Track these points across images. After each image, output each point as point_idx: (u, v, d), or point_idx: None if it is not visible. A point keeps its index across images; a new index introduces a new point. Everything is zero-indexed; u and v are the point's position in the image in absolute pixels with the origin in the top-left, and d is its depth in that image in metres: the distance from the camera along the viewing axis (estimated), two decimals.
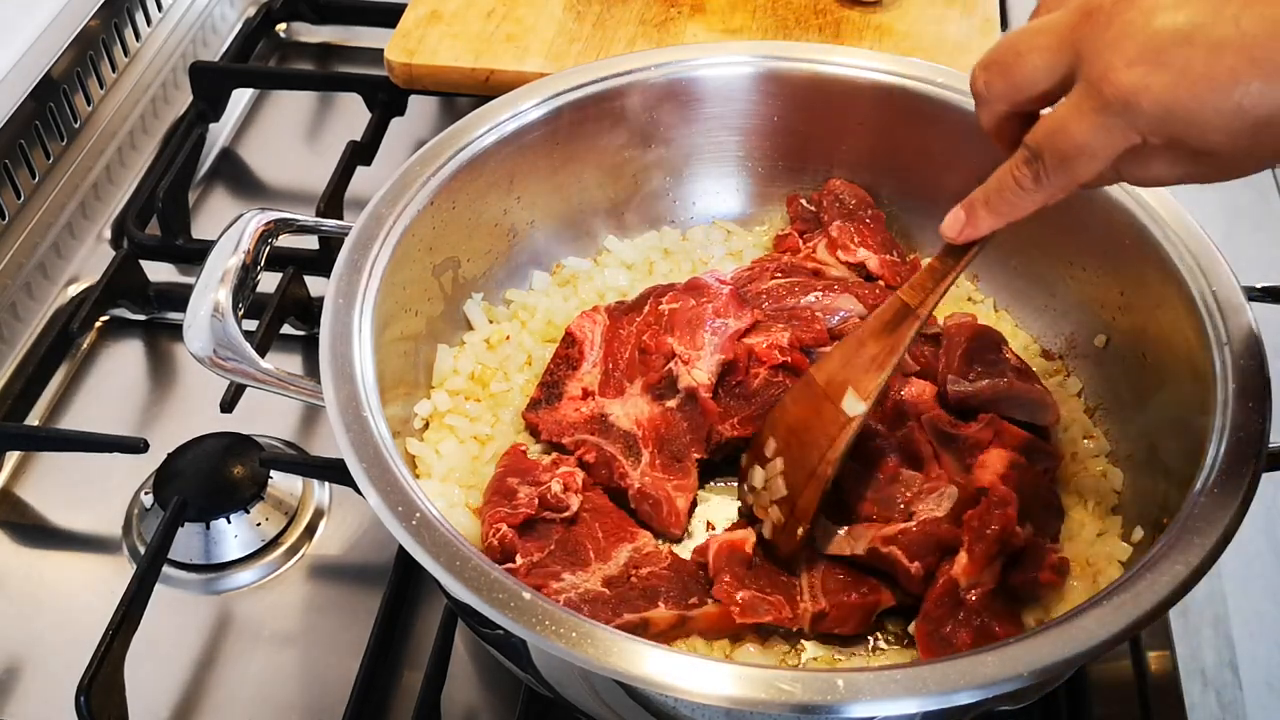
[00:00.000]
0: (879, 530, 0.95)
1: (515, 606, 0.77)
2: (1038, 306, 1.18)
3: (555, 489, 0.97)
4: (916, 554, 0.94)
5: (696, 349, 1.07)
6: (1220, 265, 0.99)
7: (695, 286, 1.11)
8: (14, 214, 1.37)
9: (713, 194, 1.27)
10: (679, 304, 1.09)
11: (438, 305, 1.11)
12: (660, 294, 1.12)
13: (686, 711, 0.81)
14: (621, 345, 1.09)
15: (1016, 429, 1.03)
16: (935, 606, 0.92)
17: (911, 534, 0.94)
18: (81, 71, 1.48)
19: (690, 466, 1.03)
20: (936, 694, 0.74)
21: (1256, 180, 3.58)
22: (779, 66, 1.20)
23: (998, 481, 0.95)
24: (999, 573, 0.93)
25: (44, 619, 1.08)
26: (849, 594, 0.94)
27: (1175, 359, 1.00)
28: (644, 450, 1.03)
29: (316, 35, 1.74)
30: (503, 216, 1.16)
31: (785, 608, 0.93)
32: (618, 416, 1.05)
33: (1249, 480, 0.85)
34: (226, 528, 1.10)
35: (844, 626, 0.95)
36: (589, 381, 1.08)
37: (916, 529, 0.94)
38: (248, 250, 1.00)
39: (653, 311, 1.10)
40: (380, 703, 1.01)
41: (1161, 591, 0.79)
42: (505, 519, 0.95)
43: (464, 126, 1.11)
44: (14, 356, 1.28)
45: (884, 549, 0.94)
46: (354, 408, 0.89)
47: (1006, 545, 0.92)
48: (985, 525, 0.91)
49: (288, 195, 1.51)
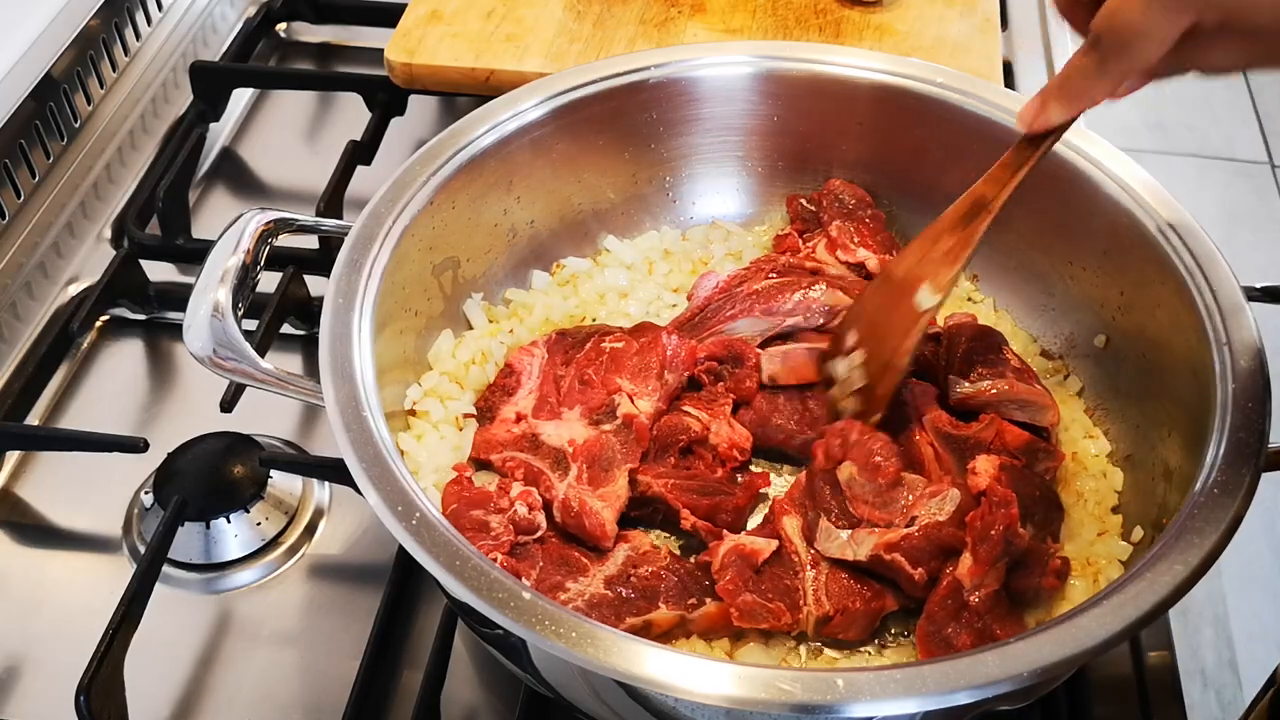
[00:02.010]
0: (882, 536, 0.95)
1: (515, 606, 0.77)
2: (1037, 306, 1.18)
3: (522, 511, 0.97)
4: (920, 559, 0.94)
5: (646, 389, 1.06)
6: (1220, 265, 0.99)
7: (642, 330, 1.11)
8: (14, 214, 1.37)
9: (712, 194, 1.27)
10: (623, 344, 1.08)
11: (437, 305, 1.11)
12: (604, 334, 1.11)
13: (686, 711, 0.81)
14: (560, 379, 1.08)
15: (1017, 429, 1.03)
16: (938, 607, 0.92)
17: (914, 539, 0.94)
18: (81, 71, 1.48)
19: (618, 475, 1.00)
20: (936, 694, 0.74)
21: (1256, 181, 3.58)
22: (778, 66, 1.20)
23: (994, 484, 0.95)
24: (1003, 575, 0.93)
25: (44, 619, 1.08)
26: (854, 599, 0.94)
27: (1175, 359, 1.00)
28: (573, 464, 1.01)
29: (316, 35, 1.74)
30: (502, 216, 1.16)
31: (785, 614, 0.93)
32: (549, 435, 1.04)
33: (1248, 480, 0.85)
34: (226, 527, 1.10)
35: (848, 632, 0.95)
36: (523, 407, 1.07)
37: (919, 534, 0.94)
38: (247, 250, 1.00)
39: (595, 349, 1.09)
40: (380, 702, 1.01)
41: (1161, 591, 0.79)
42: (495, 549, 0.94)
43: (464, 126, 1.11)
44: (14, 356, 1.28)
45: (887, 556, 0.93)
46: (354, 407, 0.89)
47: (1011, 547, 0.92)
48: (988, 527, 0.91)
49: (288, 195, 1.51)
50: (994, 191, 0.96)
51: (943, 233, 0.98)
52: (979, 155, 1.12)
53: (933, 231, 0.99)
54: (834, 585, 0.95)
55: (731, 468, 1.05)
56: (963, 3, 1.50)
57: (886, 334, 1.00)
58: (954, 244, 0.97)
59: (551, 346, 1.10)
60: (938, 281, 0.97)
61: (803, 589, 0.95)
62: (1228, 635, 1.37)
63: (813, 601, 0.94)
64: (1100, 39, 0.83)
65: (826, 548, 0.96)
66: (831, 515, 0.97)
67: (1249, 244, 3.26)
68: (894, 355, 0.98)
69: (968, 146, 1.06)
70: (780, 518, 0.99)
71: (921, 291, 0.97)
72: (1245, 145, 3.62)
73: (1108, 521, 1.01)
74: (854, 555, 0.95)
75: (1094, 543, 0.99)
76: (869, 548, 0.94)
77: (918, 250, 1.00)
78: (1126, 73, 0.84)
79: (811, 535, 0.97)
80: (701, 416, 1.06)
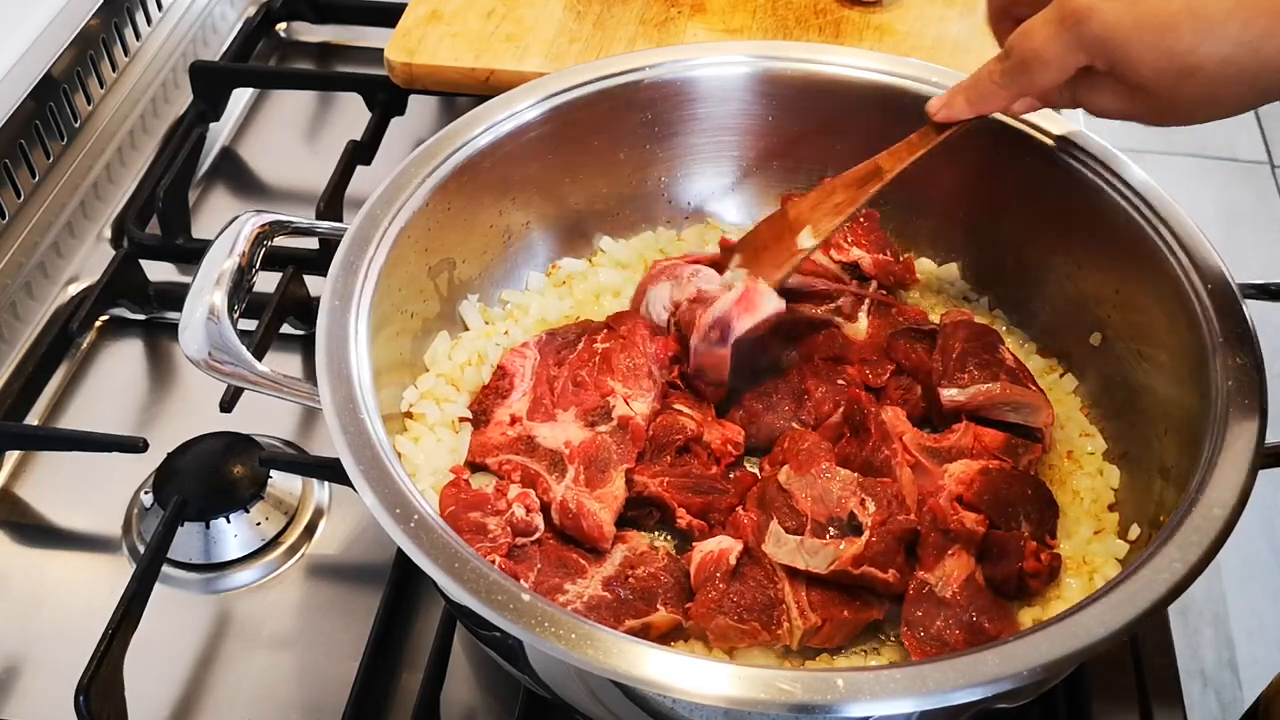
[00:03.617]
0: (837, 548, 0.93)
1: (514, 608, 0.77)
2: (1034, 304, 1.17)
3: (519, 513, 0.97)
4: (887, 561, 0.93)
5: (640, 389, 1.06)
6: (1216, 263, 0.99)
7: (621, 319, 1.11)
8: (14, 214, 1.37)
9: (708, 194, 1.27)
10: (612, 344, 1.08)
11: (433, 306, 1.11)
12: (594, 332, 1.10)
13: (684, 712, 0.81)
14: (554, 379, 1.08)
15: (994, 431, 1.03)
16: (912, 609, 0.92)
17: (874, 545, 0.93)
18: (81, 71, 1.48)
19: (615, 476, 1.00)
20: (935, 693, 0.74)
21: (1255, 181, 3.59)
22: (774, 66, 1.20)
23: (965, 491, 0.96)
24: (970, 564, 0.93)
25: (44, 619, 1.08)
26: (841, 609, 0.93)
27: (1171, 357, 1.00)
28: (569, 466, 1.01)
29: (316, 35, 1.74)
30: (498, 217, 1.16)
31: (761, 634, 0.92)
32: (545, 438, 1.04)
33: (1246, 478, 0.85)
34: (226, 527, 1.10)
35: (833, 640, 0.94)
36: (517, 409, 1.07)
37: (875, 539, 0.94)
38: (243, 252, 1.00)
39: (587, 350, 1.09)
40: (379, 703, 1.01)
41: (1159, 589, 0.79)
42: (493, 551, 0.94)
43: (460, 127, 1.11)
44: (14, 356, 1.28)
45: (856, 570, 0.93)
46: (351, 410, 0.89)
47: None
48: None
49: (288, 195, 1.51)
50: (891, 165, 1.06)
51: (839, 188, 1.09)
52: (972, 155, 1.13)
53: (830, 185, 1.10)
54: (817, 595, 0.94)
55: (726, 464, 1.06)
56: (963, 3, 1.50)
57: (767, 261, 1.11)
58: (843, 200, 1.08)
59: (542, 347, 1.10)
60: (819, 228, 1.08)
61: (785, 602, 0.93)
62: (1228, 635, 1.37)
63: (797, 615, 0.93)
64: (1010, 53, 0.91)
65: (776, 553, 0.95)
66: (781, 515, 0.97)
67: (1249, 244, 3.26)
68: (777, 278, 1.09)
69: (961, 146, 1.06)
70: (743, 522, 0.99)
71: (804, 233, 1.09)
72: (1245, 145, 3.62)
73: (1104, 519, 1.01)
74: (806, 564, 0.93)
75: (1091, 541, 0.99)
76: (826, 559, 0.93)
77: (814, 198, 1.10)
78: (1025, 89, 0.93)
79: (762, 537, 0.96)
80: (695, 415, 1.07)
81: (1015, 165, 1.13)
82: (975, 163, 1.11)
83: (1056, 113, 1.11)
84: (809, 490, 0.97)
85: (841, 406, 1.07)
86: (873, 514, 0.95)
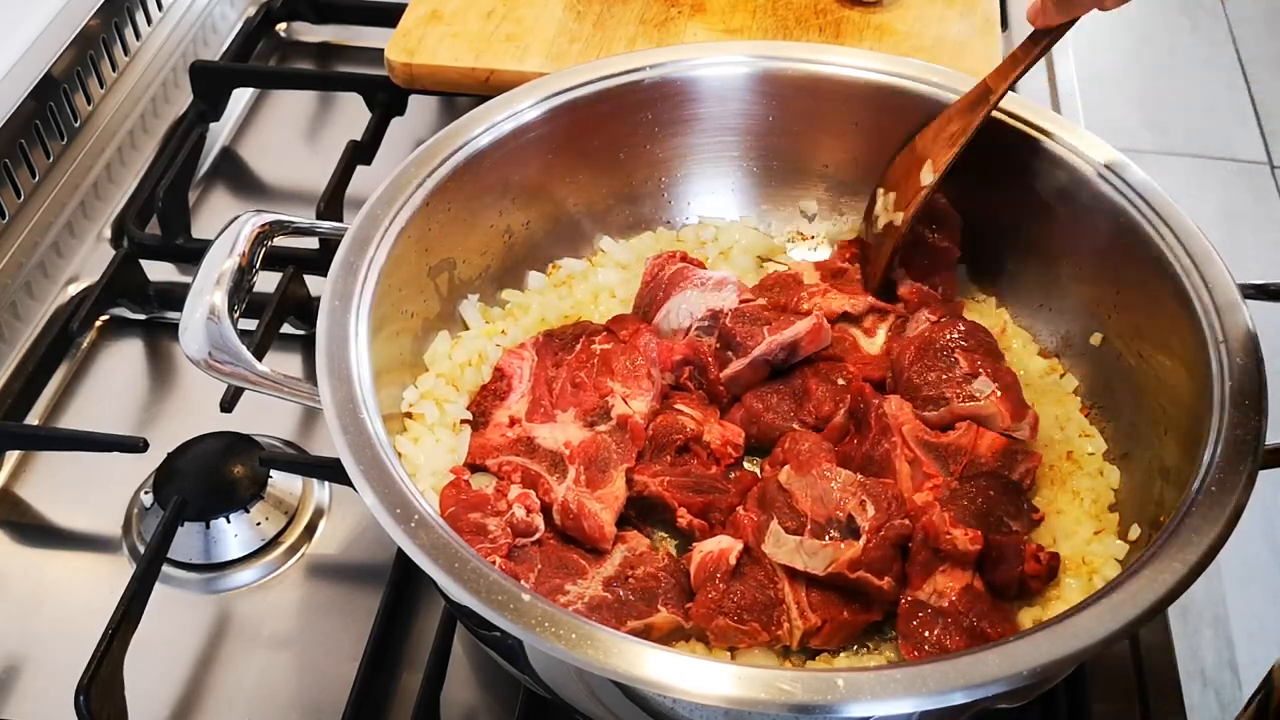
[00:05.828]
0: (835, 551, 0.94)
1: (514, 609, 0.77)
2: (1035, 305, 1.18)
3: (520, 514, 0.97)
4: (883, 568, 0.94)
5: (639, 389, 1.06)
6: (1216, 263, 0.99)
7: (620, 323, 1.11)
8: (14, 213, 1.37)
9: (707, 194, 1.27)
10: (611, 345, 1.09)
11: (434, 306, 1.11)
12: (592, 334, 1.11)
13: (685, 712, 0.81)
14: (552, 381, 1.08)
15: (996, 435, 1.03)
16: (907, 623, 0.93)
17: (871, 552, 0.94)
18: (81, 71, 1.48)
19: (615, 476, 1.00)
20: (936, 693, 0.74)
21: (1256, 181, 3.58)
22: (774, 66, 1.20)
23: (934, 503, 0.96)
24: (968, 574, 0.93)
25: (44, 619, 1.08)
26: (841, 610, 0.94)
27: (1172, 357, 1.00)
28: (570, 467, 1.01)
29: (316, 35, 1.74)
30: (498, 217, 1.16)
31: (761, 634, 0.92)
32: (544, 438, 1.04)
33: (1246, 478, 0.85)
34: (226, 527, 1.10)
35: (832, 641, 0.94)
36: (516, 410, 1.07)
37: (873, 545, 0.94)
38: (243, 253, 1.00)
39: (585, 351, 1.09)
40: (379, 703, 1.01)
41: (1159, 590, 0.79)
42: (493, 552, 0.94)
43: (460, 127, 1.11)
44: (14, 356, 1.28)
45: (852, 574, 0.93)
46: (351, 410, 0.89)
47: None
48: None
49: (288, 195, 1.51)
50: (998, 83, 1.07)
51: (954, 115, 1.10)
52: (974, 155, 1.12)
53: (946, 114, 1.11)
54: (817, 596, 0.94)
55: (726, 464, 1.06)
56: (963, 3, 1.50)
57: (903, 192, 1.13)
58: (957, 129, 1.09)
59: (540, 348, 1.11)
60: (937, 162, 1.09)
61: (785, 602, 0.94)
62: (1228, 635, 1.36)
63: (797, 616, 0.93)
64: None
65: (776, 553, 0.95)
66: (781, 516, 0.97)
67: (1248, 244, 3.26)
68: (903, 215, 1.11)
69: (964, 147, 1.06)
70: (743, 522, 0.99)
71: (925, 168, 1.10)
72: (1245, 145, 3.62)
73: (1104, 520, 1.01)
74: (804, 565, 0.94)
75: (1091, 541, 0.99)
76: (824, 561, 0.93)
77: (935, 128, 1.12)
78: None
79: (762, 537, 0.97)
80: (695, 415, 1.07)
81: (1016, 166, 1.13)
82: (978, 165, 1.11)
83: (1057, 113, 1.11)
84: (809, 491, 0.97)
85: (843, 406, 1.07)
86: (871, 517, 0.95)
